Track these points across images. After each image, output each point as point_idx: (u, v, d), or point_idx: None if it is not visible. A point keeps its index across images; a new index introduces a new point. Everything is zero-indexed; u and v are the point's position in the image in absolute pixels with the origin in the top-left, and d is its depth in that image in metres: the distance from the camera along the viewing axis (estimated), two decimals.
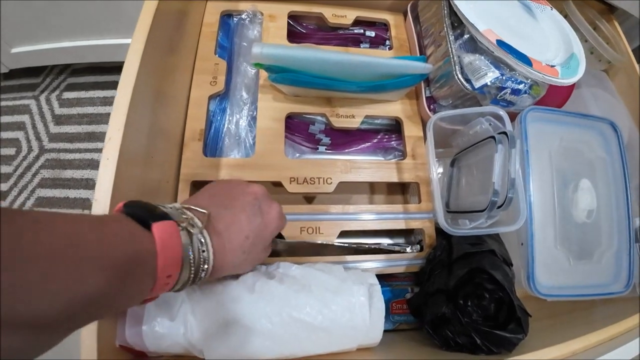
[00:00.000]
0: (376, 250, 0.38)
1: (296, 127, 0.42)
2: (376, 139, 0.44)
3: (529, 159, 0.37)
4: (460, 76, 0.36)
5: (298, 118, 0.43)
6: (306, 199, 0.44)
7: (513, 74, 0.36)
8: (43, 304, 0.15)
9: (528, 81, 0.36)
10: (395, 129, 0.45)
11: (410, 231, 0.43)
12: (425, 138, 0.41)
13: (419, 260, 0.38)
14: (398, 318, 0.38)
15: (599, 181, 0.40)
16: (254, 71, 0.42)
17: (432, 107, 0.41)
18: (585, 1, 0.51)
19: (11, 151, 0.86)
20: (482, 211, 0.33)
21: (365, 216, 0.38)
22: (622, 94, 0.50)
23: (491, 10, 0.39)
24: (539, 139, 0.38)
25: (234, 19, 0.45)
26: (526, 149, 0.37)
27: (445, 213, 0.36)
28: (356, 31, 0.48)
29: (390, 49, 0.48)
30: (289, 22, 0.45)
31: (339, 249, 0.37)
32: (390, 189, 0.48)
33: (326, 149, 0.43)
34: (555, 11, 0.44)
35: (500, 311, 0.32)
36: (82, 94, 0.91)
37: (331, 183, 0.38)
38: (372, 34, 0.49)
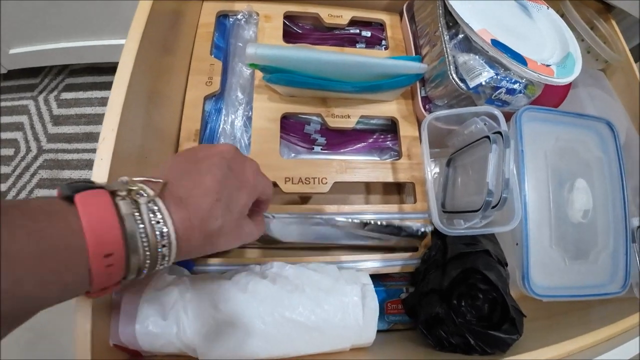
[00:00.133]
0: (374, 248, 0.37)
1: (292, 127, 0.42)
2: (372, 139, 0.44)
3: (524, 158, 0.37)
4: (455, 76, 0.36)
5: (293, 118, 0.43)
6: (301, 199, 0.44)
7: (508, 73, 0.36)
8: None
9: (523, 81, 0.36)
10: (390, 129, 0.45)
11: None
12: (420, 138, 0.41)
13: (414, 260, 0.37)
14: (393, 318, 0.38)
15: (595, 181, 0.40)
16: (249, 71, 0.42)
17: (427, 107, 0.41)
18: (583, 0, 0.51)
19: (10, 152, 0.86)
20: (477, 211, 0.33)
21: (360, 216, 0.38)
22: (619, 93, 0.50)
23: (486, 9, 0.38)
24: (534, 138, 0.38)
25: (230, 19, 0.45)
26: (521, 148, 0.37)
27: (440, 213, 0.36)
28: (352, 31, 0.48)
29: (386, 49, 0.48)
30: (284, 22, 0.45)
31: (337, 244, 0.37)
32: (386, 189, 0.48)
33: (322, 149, 0.43)
34: (552, 10, 0.44)
35: (494, 311, 0.32)
36: (80, 95, 0.91)
37: (326, 183, 0.38)
38: (368, 34, 0.49)
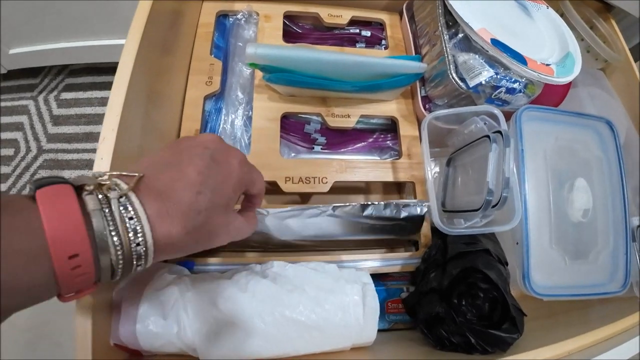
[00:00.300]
0: (374, 242, 0.36)
1: (292, 127, 0.42)
2: (372, 139, 0.44)
3: (524, 158, 0.37)
4: (455, 75, 0.36)
5: (293, 118, 0.43)
6: (302, 198, 0.44)
7: (508, 72, 0.36)
8: None
9: (523, 80, 0.36)
10: (390, 128, 0.45)
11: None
12: (420, 137, 0.41)
13: (415, 260, 0.37)
14: (393, 317, 0.38)
15: (595, 180, 0.40)
16: (249, 71, 0.42)
17: (427, 106, 0.41)
18: (582, 0, 0.51)
19: (10, 152, 0.86)
20: (477, 210, 0.33)
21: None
22: (619, 92, 0.50)
23: (486, 9, 0.38)
24: (534, 138, 0.38)
25: (230, 19, 0.45)
26: (521, 148, 0.37)
27: (440, 212, 0.36)
28: (352, 31, 0.48)
29: (386, 48, 0.48)
30: (284, 22, 0.45)
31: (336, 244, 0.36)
32: (386, 188, 0.48)
33: (322, 149, 0.43)
34: (551, 10, 0.44)
35: (495, 310, 0.32)
36: (80, 95, 0.91)
37: (326, 182, 0.38)
38: (368, 33, 0.49)
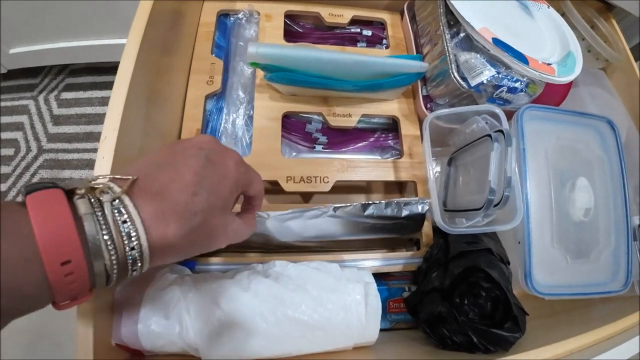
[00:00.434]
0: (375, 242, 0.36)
1: (293, 126, 0.42)
2: (373, 138, 0.44)
3: (525, 157, 0.37)
4: (457, 75, 0.36)
5: (295, 117, 0.42)
6: (303, 198, 0.44)
7: (509, 72, 0.36)
8: None
9: (524, 79, 0.36)
10: (392, 127, 0.45)
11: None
12: (422, 137, 0.41)
13: (416, 259, 0.37)
14: (395, 317, 0.38)
15: (596, 180, 0.40)
16: (250, 70, 0.42)
17: (428, 105, 0.41)
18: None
19: (10, 151, 0.86)
20: (479, 209, 0.33)
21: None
22: (620, 92, 0.50)
23: (487, 8, 0.38)
24: (535, 137, 0.38)
25: (231, 18, 0.45)
26: (523, 147, 0.37)
27: (442, 212, 0.36)
28: (353, 30, 0.48)
29: (387, 48, 0.48)
30: (285, 21, 0.45)
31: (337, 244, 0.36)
32: (387, 188, 0.48)
33: (323, 148, 0.43)
34: (552, 9, 0.44)
35: (497, 310, 0.32)
36: (80, 94, 0.91)
37: (328, 182, 0.38)
38: (369, 33, 0.49)
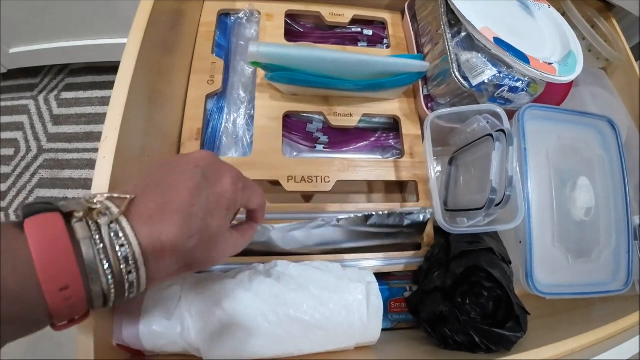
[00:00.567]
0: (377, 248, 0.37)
1: (294, 126, 0.42)
2: (374, 138, 0.44)
3: (526, 156, 0.37)
4: (458, 74, 0.36)
5: (296, 117, 0.42)
6: (304, 197, 0.44)
7: (510, 71, 0.36)
8: None
9: (525, 79, 0.36)
10: (393, 127, 0.45)
11: None
12: (423, 136, 0.41)
13: (418, 259, 0.37)
14: (396, 317, 0.38)
15: (597, 179, 0.40)
16: (251, 70, 0.42)
17: (429, 105, 0.41)
18: None
19: (10, 151, 0.86)
20: (480, 209, 0.33)
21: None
22: (620, 91, 0.50)
23: (488, 8, 0.38)
24: (536, 136, 0.38)
25: (231, 18, 0.45)
26: (524, 146, 0.37)
27: (443, 211, 0.36)
28: (354, 30, 0.48)
29: (388, 47, 0.48)
30: (286, 21, 0.45)
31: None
32: (388, 187, 0.48)
33: (324, 148, 0.43)
34: (553, 9, 0.44)
35: (499, 309, 0.32)
36: (80, 94, 0.91)
37: (329, 182, 0.38)
38: (370, 32, 0.48)
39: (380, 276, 0.37)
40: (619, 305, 0.39)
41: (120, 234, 0.17)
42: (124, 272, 0.17)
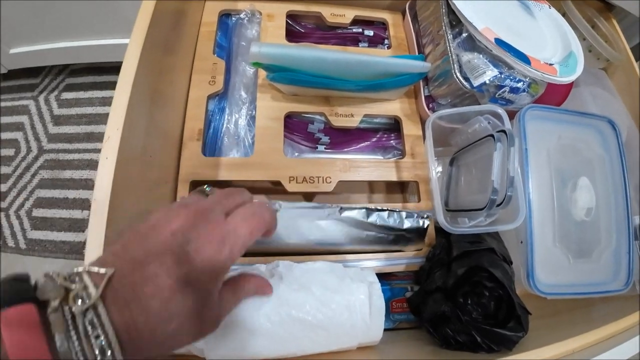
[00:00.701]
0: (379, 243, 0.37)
1: (295, 127, 0.42)
2: (375, 138, 0.44)
3: (527, 157, 0.37)
4: (459, 74, 0.36)
5: (297, 117, 0.43)
6: (306, 198, 0.44)
7: (511, 72, 0.36)
8: None
9: (526, 79, 0.37)
10: (394, 127, 0.45)
11: None
12: (424, 137, 0.41)
13: (419, 259, 0.37)
14: (398, 317, 0.38)
15: (597, 179, 0.40)
16: (252, 70, 0.42)
17: (431, 105, 0.41)
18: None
19: (10, 152, 0.86)
20: (482, 209, 0.33)
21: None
22: (620, 92, 0.50)
23: (489, 8, 0.39)
24: (537, 137, 0.38)
25: (233, 18, 0.45)
26: (525, 147, 0.37)
27: (444, 212, 0.36)
28: (355, 30, 0.48)
29: (388, 48, 0.48)
30: (287, 21, 0.45)
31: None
32: (389, 188, 0.48)
33: (325, 148, 0.43)
34: (553, 9, 0.44)
35: (500, 309, 0.32)
36: (81, 95, 0.91)
37: (330, 182, 0.38)
38: (371, 33, 0.49)
39: (382, 276, 0.37)
40: (619, 305, 0.39)
41: (96, 322, 0.16)
42: None
